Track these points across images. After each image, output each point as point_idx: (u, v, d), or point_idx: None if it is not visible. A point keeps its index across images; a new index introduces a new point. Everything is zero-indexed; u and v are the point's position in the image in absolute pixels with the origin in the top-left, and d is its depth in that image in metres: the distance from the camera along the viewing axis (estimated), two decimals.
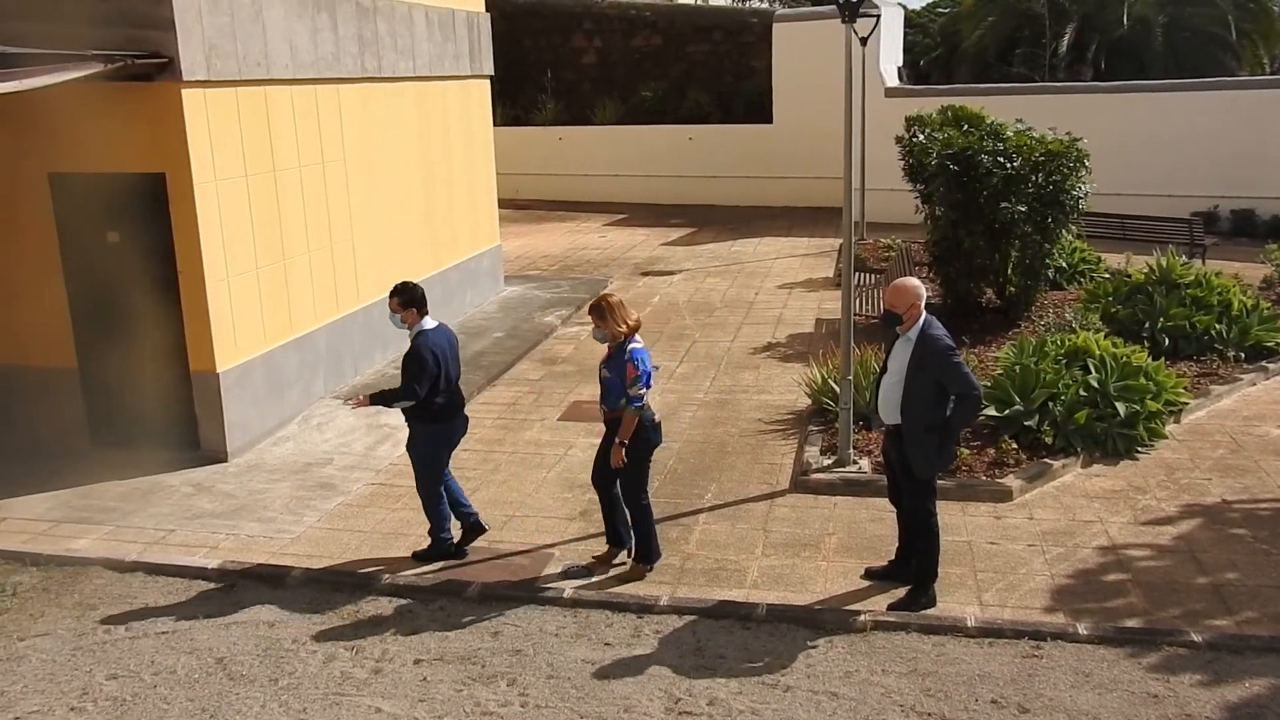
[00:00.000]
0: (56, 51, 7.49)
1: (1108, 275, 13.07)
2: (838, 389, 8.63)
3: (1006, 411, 8.71)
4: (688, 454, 8.95)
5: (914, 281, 6.22)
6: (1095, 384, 8.86)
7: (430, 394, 6.87)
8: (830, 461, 8.39)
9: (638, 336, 6.71)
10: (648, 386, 6.60)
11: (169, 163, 8.30)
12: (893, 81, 21.17)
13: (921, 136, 12.44)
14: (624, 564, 6.97)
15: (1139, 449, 8.63)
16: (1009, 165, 11.33)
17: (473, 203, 14.24)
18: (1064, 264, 13.35)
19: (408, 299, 6.92)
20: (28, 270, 8.80)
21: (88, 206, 8.58)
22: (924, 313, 6.16)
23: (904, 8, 24.86)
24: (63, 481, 8.37)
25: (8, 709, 5.61)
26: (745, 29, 24.02)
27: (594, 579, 6.81)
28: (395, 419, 9.73)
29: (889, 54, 21.52)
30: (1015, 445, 8.40)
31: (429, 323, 6.98)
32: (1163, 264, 11.66)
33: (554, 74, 25.23)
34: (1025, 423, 8.58)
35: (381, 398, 7.03)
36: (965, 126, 12.37)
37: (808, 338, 12.50)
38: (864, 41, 16.83)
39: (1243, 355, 10.70)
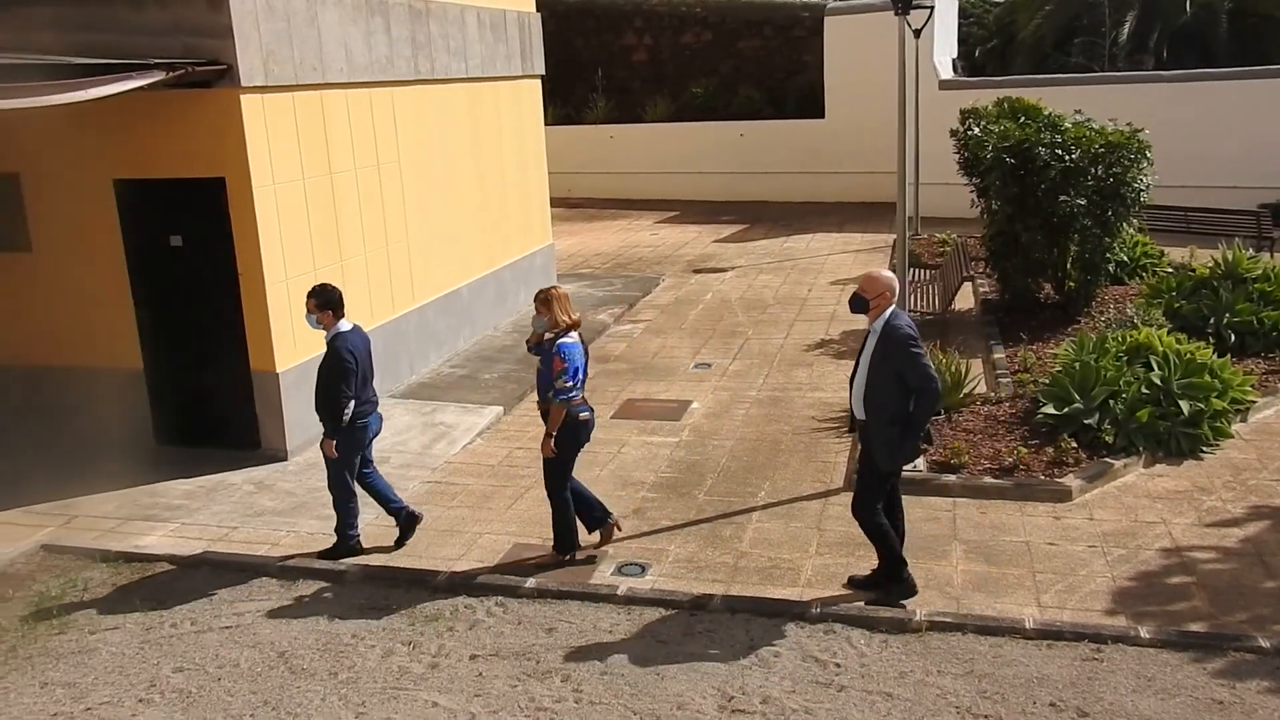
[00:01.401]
0: (120, 61, 7.69)
1: (1171, 270, 12.79)
2: None
3: (1066, 410, 8.57)
4: (740, 452, 8.93)
5: (888, 274, 6.42)
6: (1158, 381, 8.68)
7: None
8: None
9: (573, 333, 6.87)
10: (574, 380, 6.76)
11: (228, 167, 8.47)
12: (947, 74, 20.90)
13: (977, 129, 12.27)
14: (613, 523, 7.23)
15: (1204, 449, 8.44)
16: (1067, 157, 11.13)
17: (525, 202, 14.33)
18: (1125, 258, 13.09)
19: (324, 301, 6.98)
20: (95, 274, 9.04)
21: (151, 211, 8.79)
22: (892, 305, 6.29)
23: None
24: (130, 480, 8.58)
25: (80, 699, 5.78)
26: (796, 23, 23.85)
27: (647, 576, 6.84)
28: (451, 418, 9.86)
29: (943, 46, 21.24)
30: (1075, 444, 8.25)
31: (345, 325, 7.05)
32: (1229, 257, 11.38)
33: (605, 72, 25.29)
34: (1085, 421, 8.43)
35: (331, 427, 6.96)
36: (1022, 119, 12.18)
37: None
38: (917, 34, 16.61)
39: None
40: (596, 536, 7.26)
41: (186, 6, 8.14)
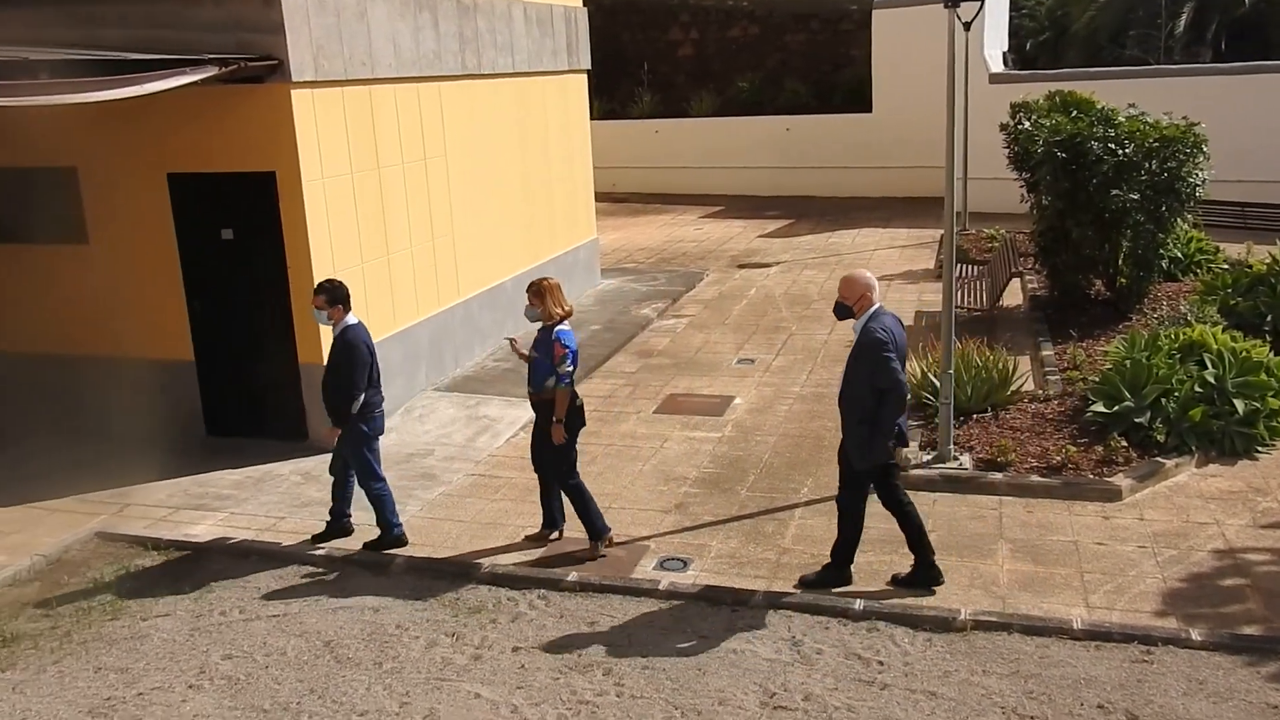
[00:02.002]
0: (174, 57, 7.82)
1: (1226, 266, 12.50)
2: (938, 383, 8.46)
3: (1116, 408, 8.42)
4: (783, 448, 8.89)
5: (864, 273, 6.42)
6: (1212, 380, 8.50)
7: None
8: (930, 457, 8.24)
9: (566, 323, 6.95)
10: (574, 366, 6.84)
11: (279, 161, 8.59)
12: (997, 67, 20.60)
13: (1027, 123, 12.10)
14: (557, 541, 7.32)
15: (1259, 448, 8.26)
16: (1121, 152, 10.93)
17: (570, 196, 14.37)
18: (1179, 254, 12.82)
19: (333, 296, 7.07)
20: (149, 266, 9.21)
21: (203, 205, 8.94)
22: (875, 304, 6.30)
23: None
24: (181, 470, 8.75)
25: (132, 684, 5.91)
26: (844, 17, 23.67)
27: (689, 571, 6.84)
28: (495, 410, 9.93)
29: (993, 38, 20.93)
30: (1125, 443, 8.11)
31: (352, 319, 7.13)
32: None
33: (651, 67, 25.26)
34: (1136, 420, 8.28)
35: (336, 413, 7.11)
36: (1074, 112, 11.98)
37: (907, 331, 12.25)
38: (967, 26, 16.28)
39: None
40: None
41: (240, 2, 8.27)
